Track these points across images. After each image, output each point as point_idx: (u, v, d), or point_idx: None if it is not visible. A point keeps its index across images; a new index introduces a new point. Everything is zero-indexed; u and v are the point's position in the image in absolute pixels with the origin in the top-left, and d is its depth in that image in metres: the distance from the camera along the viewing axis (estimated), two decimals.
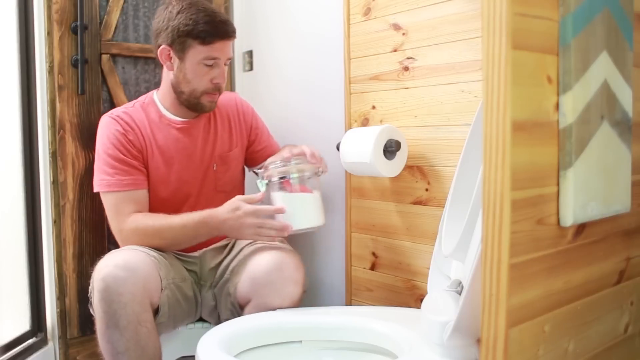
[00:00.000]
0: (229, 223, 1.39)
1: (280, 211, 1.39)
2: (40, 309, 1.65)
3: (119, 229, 1.44)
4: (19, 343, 1.55)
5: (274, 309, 1.34)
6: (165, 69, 1.54)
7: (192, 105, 1.53)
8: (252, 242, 1.51)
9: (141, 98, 1.61)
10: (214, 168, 1.60)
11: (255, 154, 1.70)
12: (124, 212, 1.43)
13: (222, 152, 1.61)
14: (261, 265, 1.37)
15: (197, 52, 1.46)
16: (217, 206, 1.42)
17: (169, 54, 1.49)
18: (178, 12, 1.46)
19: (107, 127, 1.50)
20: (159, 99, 1.58)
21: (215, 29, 1.46)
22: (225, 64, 1.52)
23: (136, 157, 1.49)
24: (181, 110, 1.56)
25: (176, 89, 1.52)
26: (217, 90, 1.53)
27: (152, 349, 1.29)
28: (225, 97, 1.67)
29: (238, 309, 1.43)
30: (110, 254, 1.33)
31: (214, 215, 1.40)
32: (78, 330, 1.69)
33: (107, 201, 1.46)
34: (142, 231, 1.41)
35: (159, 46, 1.49)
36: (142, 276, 1.27)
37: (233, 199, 1.41)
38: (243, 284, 1.39)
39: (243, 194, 1.72)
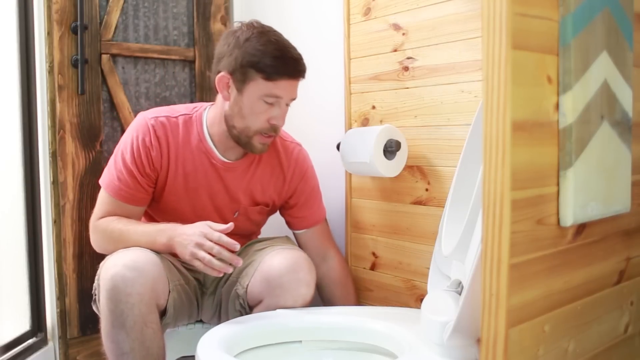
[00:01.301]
0: (182, 237, 1.30)
1: (233, 247, 1.27)
2: (40, 309, 1.65)
3: (92, 220, 1.45)
4: (19, 343, 1.55)
5: None
6: (220, 97, 1.42)
7: (242, 143, 1.41)
8: (264, 247, 1.49)
9: (191, 108, 1.48)
10: (235, 215, 1.50)
11: (291, 218, 1.58)
12: (103, 211, 1.43)
13: (248, 205, 1.51)
14: (275, 266, 1.34)
15: (258, 87, 1.34)
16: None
17: (228, 83, 1.37)
18: (246, 40, 1.34)
19: (138, 130, 1.42)
20: (208, 121, 1.46)
21: (284, 65, 1.34)
22: (287, 104, 1.40)
23: (148, 175, 1.42)
24: (227, 144, 1.44)
25: (228, 122, 1.40)
26: (273, 131, 1.40)
27: (156, 349, 1.28)
28: (289, 146, 1.55)
29: (248, 310, 1.41)
30: (117, 253, 1.32)
31: (175, 227, 1.33)
32: (78, 330, 1.69)
33: (100, 195, 1.46)
34: (109, 233, 1.40)
35: (218, 72, 1.38)
36: (151, 277, 1.26)
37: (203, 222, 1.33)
38: (255, 284, 1.37)
39: (258, 235, 1.67)
